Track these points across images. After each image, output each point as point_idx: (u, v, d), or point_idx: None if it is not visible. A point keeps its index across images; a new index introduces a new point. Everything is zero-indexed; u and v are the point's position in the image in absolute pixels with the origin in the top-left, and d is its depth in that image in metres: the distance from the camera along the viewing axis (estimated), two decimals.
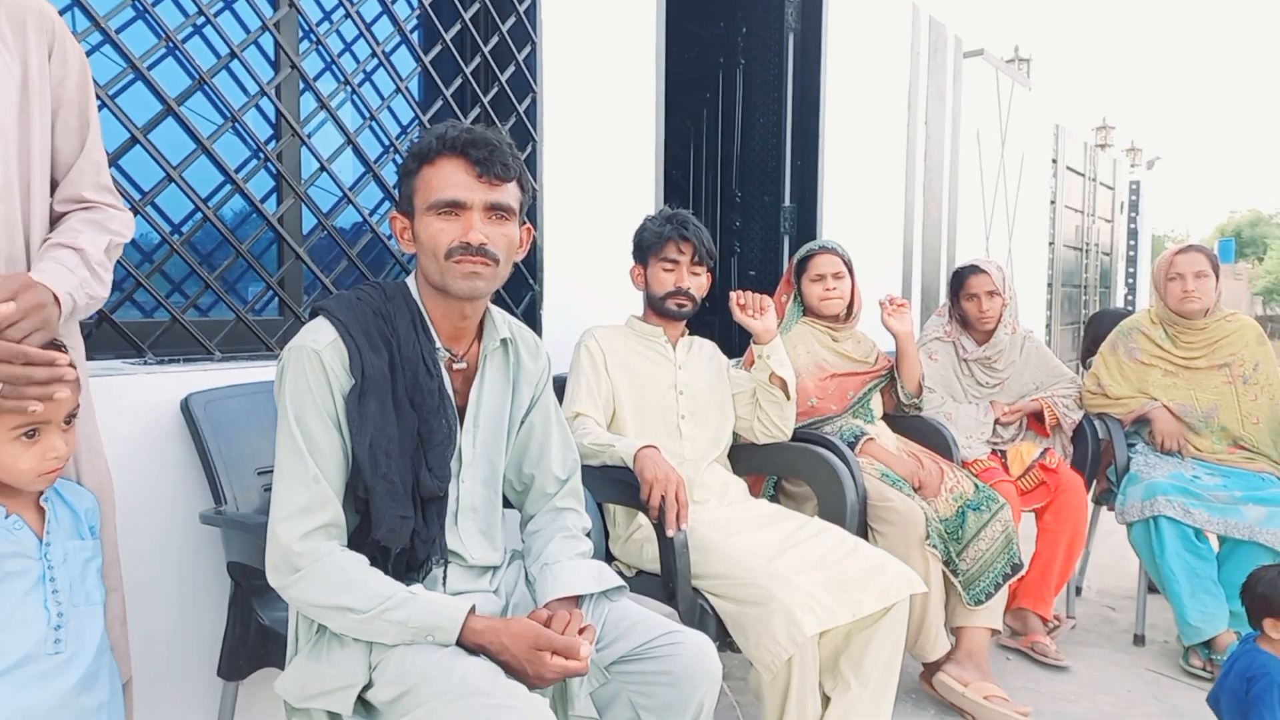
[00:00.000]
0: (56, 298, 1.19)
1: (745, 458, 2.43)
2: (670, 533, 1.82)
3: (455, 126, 1.37)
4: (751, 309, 2.28)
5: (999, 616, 2.44)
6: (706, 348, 2.40)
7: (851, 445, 2.48)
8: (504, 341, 1.52)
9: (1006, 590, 2.45)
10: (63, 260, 1.25)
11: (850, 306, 2.74)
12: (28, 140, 1.27)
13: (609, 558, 2.13)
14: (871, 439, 2.54)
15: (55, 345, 1.18)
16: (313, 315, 1.39)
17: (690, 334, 2.37)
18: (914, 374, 2.76)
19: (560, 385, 2.12)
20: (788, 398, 2.30)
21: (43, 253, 1.26)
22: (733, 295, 2.32)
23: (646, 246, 2.24)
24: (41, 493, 1.22)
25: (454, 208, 1.36)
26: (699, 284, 2.25)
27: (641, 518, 2.09)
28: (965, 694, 2.30)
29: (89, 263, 1.27)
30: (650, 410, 2.21)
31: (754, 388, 2.33)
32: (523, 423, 1.58)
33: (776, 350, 2.28)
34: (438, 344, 1.43)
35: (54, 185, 1.35)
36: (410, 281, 1.47)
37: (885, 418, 2.81)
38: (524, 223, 1.46)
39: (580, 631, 1.31)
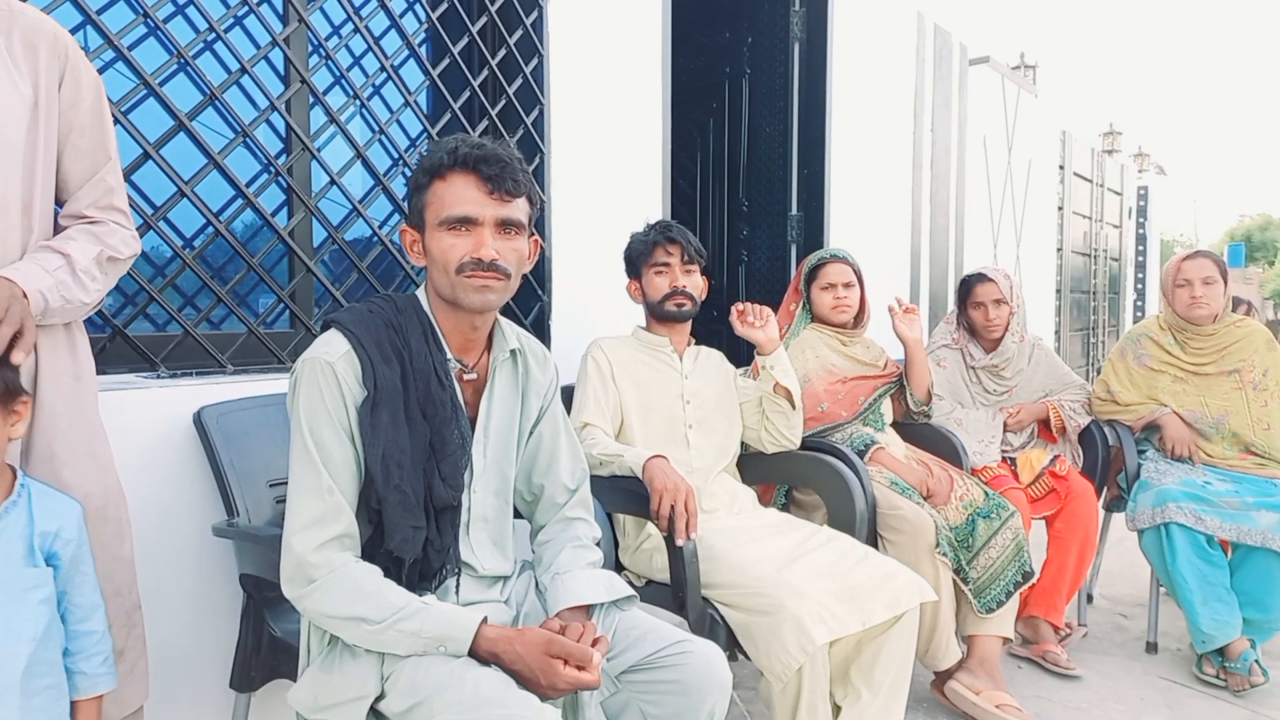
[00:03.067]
0: (24, 293, 1.19)
1: (754, 466, 2.43)
2: (680, 542, 1.82)
3: (466, 141, 1.38)
4: (753, 318, 2.29)
5: (1010, 624, 2.43)
6: (713, 357, 2.40)
7: (861, 454, 2.48)
8: (513, 352, 1.53)
9: (1018, 598, 2.44)
10: (42, 261, 1.25)
11: (859, 315, 2.75)
12: (33, 159, 1.28)
13: (619, 567, 2.13)
14: (881, 448, 2.54)
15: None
16: (325, 328, 1.40)
17: (697, 343, 2.38)
18: (923, 381, 2.77)
19: (568, 395, 2.13)
20: (793, 407, 2.30)
21: (29, 253, 1.27)
22: (734, 308, 2.33)
23: (636, 258, 2.28)
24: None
25: (465, 223, 1.37)
26: (694, 283, 2.25)
27: (651, 527, 2.09)
28: (977, 702, 2.29)
29: (73, 267, 1.28)
30: (657, 420, 2.22)
31: (760, 396, 2.33)
32: (531, 433, 1.59)
33: (780, 360, 2.28)
34: (449, 355, 1.44)
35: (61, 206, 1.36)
36: (420, 293, 1.48)
37: (895, 425, 2.81)
38: (532, 234, 1.47)
39: (594, 643, 1.31)
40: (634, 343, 2.29)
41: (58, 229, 1.35)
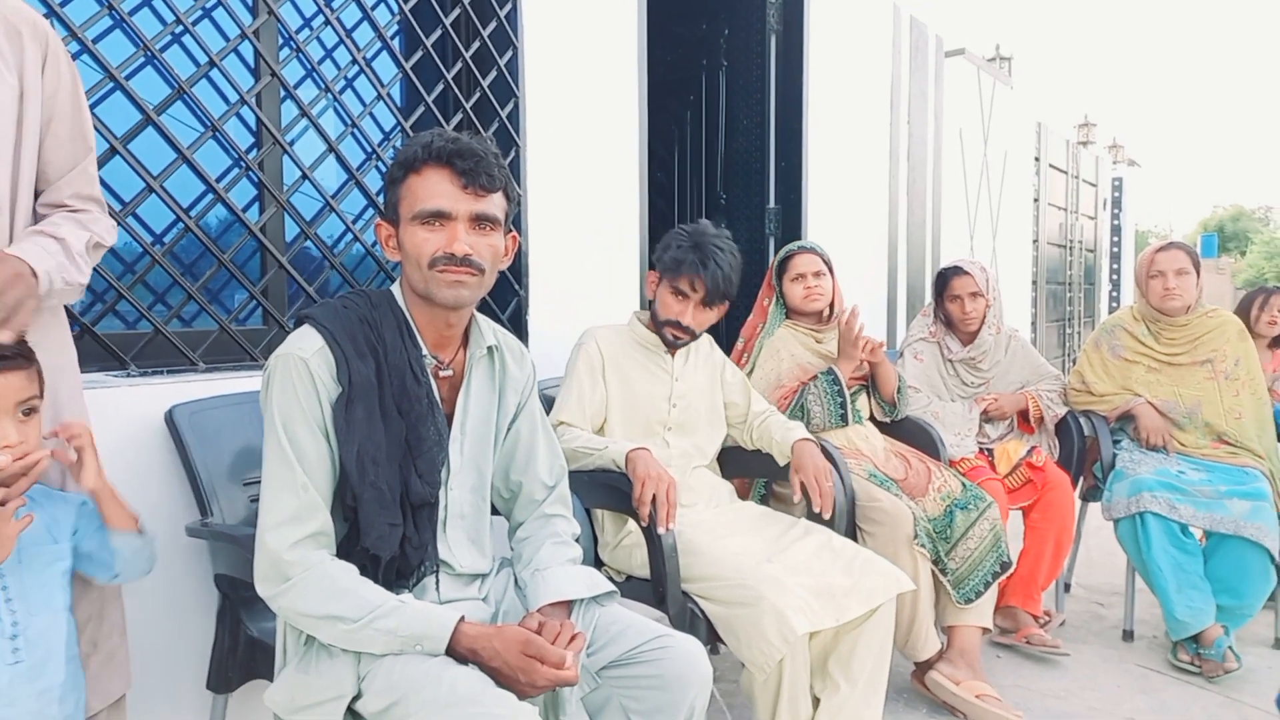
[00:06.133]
0: (34, 271, 1.21)
1: (734, 461, 2.43)
2: (660, 531, 1.82)
3: (442, 135, 1.37)
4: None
5: (989, 615, 2.45)
6: (703, 346, 2.36)
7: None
8: (490, 349, 1.52)
9: (996, 588, 2.45)
10: (42, 244, 1.27)
11: (832, 305, 2.75)
12: (19, 151, 1.28)
13: (598, 564, 2.13)
14: None
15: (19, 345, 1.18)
16: (298, 323, 1.38)
17: None
18: (888, 390, 2.76)
19: (546, 391, 2.12)
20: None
21: (21, 237, 1.28)
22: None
23: (665, 265, 2.15)
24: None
25: (438, 218, 1.35)
26: (704, 320, 2.17)
27: (631, 523, 2.08)
28: (957, 692, 2.30)
29: (69, 251, 1.29)
30: (638, 419, 2.19)
31: (747, 404, 2.33)
32: (509, 430, 1.58)
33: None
34: (424, 351, 1.43)
35: (39, 195, 1.35)
36: (395, 289, 1.46)
37: (873, 419, 2.82)
38: (509, 231, 1.46)
39: (570, 641, 1.31)
40: (629, 336, 2.25)
41: (36, 217, 1.35)
